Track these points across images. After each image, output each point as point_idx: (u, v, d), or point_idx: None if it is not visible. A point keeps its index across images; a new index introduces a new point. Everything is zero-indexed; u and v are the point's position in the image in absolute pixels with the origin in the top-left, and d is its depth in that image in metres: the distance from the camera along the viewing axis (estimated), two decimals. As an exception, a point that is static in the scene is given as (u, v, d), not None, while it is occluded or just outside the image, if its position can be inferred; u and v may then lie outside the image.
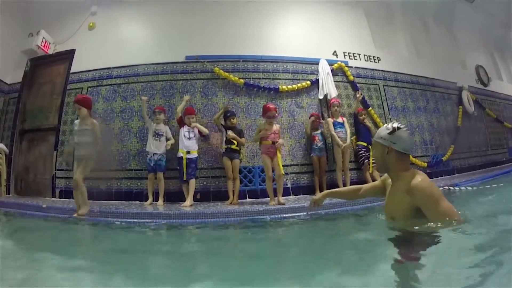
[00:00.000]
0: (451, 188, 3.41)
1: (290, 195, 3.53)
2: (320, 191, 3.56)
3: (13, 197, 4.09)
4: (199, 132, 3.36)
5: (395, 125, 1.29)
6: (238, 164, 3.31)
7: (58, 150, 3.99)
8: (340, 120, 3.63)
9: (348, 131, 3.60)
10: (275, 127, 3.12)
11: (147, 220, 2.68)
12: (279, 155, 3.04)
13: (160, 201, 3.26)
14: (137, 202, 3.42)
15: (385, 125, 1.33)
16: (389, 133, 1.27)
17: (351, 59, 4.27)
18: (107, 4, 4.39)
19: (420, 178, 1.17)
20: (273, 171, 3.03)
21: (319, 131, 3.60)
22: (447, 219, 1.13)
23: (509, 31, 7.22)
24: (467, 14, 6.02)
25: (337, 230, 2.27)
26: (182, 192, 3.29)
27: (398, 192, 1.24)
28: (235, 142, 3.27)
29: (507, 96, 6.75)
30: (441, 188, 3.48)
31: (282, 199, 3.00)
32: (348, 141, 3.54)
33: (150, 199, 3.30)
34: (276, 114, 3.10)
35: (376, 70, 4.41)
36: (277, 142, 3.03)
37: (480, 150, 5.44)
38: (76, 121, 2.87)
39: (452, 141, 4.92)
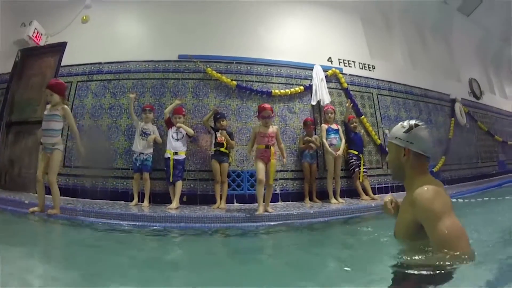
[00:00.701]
0: None
1: (278, 201, 3.49)
2: (310, 199, 3.54)
3: (-2, 191, 3.96)
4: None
5: (412, 122, 1.09)
6: (226, 168, 3.26)
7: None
8: (334, 127, 3.61)
9: (343, 139, 3.58)
10: (272, 129, 2.87)
11: (130, 222, 2.62)
12: (273, 161, 2.82)
13: (146, 202, 3.19)
14: (122, 202, 3.34)
15: (400, 124, 1.13)
16: (406, 132, 1.07)
17: (346, 66, 4.27)
18: (103, -2, 4.31)
19: (426, 188, 0.97)
20: None
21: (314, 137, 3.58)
22: (448, 242, 0.89)
23: (505, 46, 7.34)
24: (464, 27, 6.10)
25: (323, 239, 2.24)
26: (168, 193, 3.22)
27: (405, 204, 1.07)
28: (224, 144, 3.21)
29: (498, 109, 6.84)
30: None
31: (270, 207, 2.88)
32: (341, 149, 3.52)
33: (136, 199, 3.23)
34: (272, 114, 2.88)
35: (370, 78, 4.41)
36: (271, 145, 2.80)
37: (470, 162, 5.49)
38: (47, 106, 2.66)
39: (443, 152, 4.95)
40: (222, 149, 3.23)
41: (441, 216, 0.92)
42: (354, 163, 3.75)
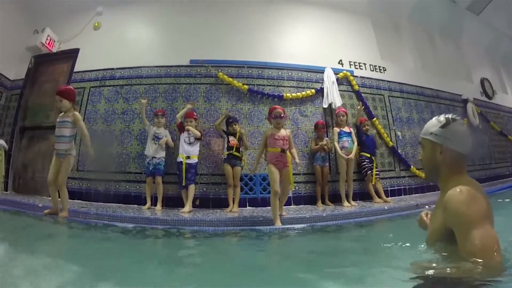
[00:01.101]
0: None
1: (291, 205, 3.46)
2: (322, 202, 3.51)
3: (10, 195, 4.03)
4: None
5: (449, 116, 0.99)
6: (239, 171, 3.25)
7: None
8: (346, 129, 3.58)
9: (355, 142, 3.55)
10: (284, 132, 2.68)
11: (143, 225, 2.63)
12: (290, 167, 2.60)
13: (159, 206, 3.20)
14: (135, 205, 3.36)
15: (435, 118, 1.03)
16: (442, 127, 0.97)
17: (357, 68, 4.24)
18: (113, 5, 4.38)
19: (460, 189, 0.87)
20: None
21: (324, 141, 3.56)
22: (479, 254, 0.80)
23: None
24: (474, 28, 6.01)
25: (337, 243, 2.22)
26: (181, 197, 3.23)
27: (438, 207, 0.98)
28: (235, 147, 3.21)
29: (511, 109, 6.70)
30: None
31: (284, 210, 2.82)
32: (354, 152, 3.49)
33: (148, 203, 3.24)
34: (283, 115, 2.68)
35: (381, 80, 4.37)
36: (286, 149, 2.61)
37: (484, 163, 5.38)
38: (59, 115, 2.67)
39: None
40: (235, 153, 3.22)
41: (473, 223, 0.81)
42: (367, 165, 3.71)
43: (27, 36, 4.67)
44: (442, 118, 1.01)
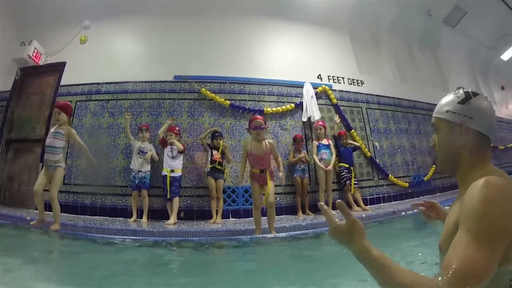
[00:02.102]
0: None
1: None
2: (303, 212, 3.67)
3: (-4, 207, 4.04)
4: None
5: (468, 90, 0.77)
6: (222, 184, 3.39)
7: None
8: (325, 142, 3.76)
9: (334, 154, 3.72)
10: (265, 146, 2.54)
11: (131, 237, 2.73)
12: (270, 184, 2.53)
13: (144, 218, 3.30)
14: (121, 218, 3.45)
15: (452, 93, 0.80)
16: (461, 103, 0.75)
17: (335, 82, 4.44)
18: (100, 19, 4.45)
19: (489, 181, 0.62)
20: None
21: (302, 154, 3.73)
22: (453, 279, 0.54)
23: (492, 54, 7.58)
24: (451, 39, 6.31)
25: (315, 251, 2.37)
26: (166, 210, 3.34)
27: (454, 205, 0.75)
28: (218, 161, 3.35)
29: (488, 116, 7.01)
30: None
31: (274, 230, 2.63)
32: (332, 163, 3.66)
33: (134, 216, 3.34)
34: (264, 126, 2.57)
35: (359, 93, 4.59)
36: (266, 168, 2.52)
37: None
38: (52, 128, 2.76)
39: (434, 161, 5.10)
40: (218, 166, 3.36)
41: (486, 235, 0.56)
42: (345, 175, 3.89)
43: (13, 48, 4.69)
44: (460, 92, 0.77)
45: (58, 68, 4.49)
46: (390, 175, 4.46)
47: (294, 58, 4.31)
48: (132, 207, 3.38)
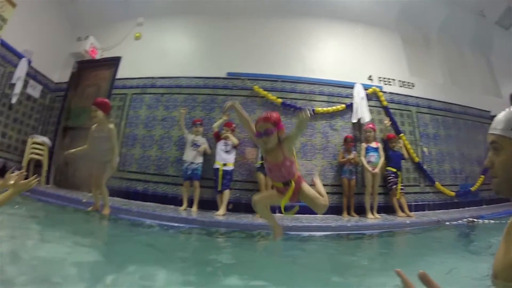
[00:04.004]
0: (475, 220, 3.40)
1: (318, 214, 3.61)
2: (348, 213, 3.64)
3: (53, 188, 4.38)
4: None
5: None
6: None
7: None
8: (374, 145, 3.69)
9: (382, 157, 3.65)
10: (281, 152, 1.71)
11: (181, 224, 2.86)
12: (306, 187, 1.80)
13: (194, 208, 3.44)
14: (171, 206, 3.62)
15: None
16: None
17: (386, 84, 4.33)
18: (153, 17, 4.68)
19: None
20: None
21: (352, 155, 3.69)
22: None
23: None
24: (504, 42, 5.91)
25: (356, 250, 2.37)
26: (215, 201, 3.45)
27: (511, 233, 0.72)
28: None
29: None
30: (465, 220, 3.52)
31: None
32: (379, 166, 3.59)
33: (185, 205, 3.49)
34: (272, 129, 1.69)
35: (409, 96, 4.44)
36: (292, 178, 1.73)
37: None
38: (93, 126, 2.76)
39: (482, 171, 4.83)
40: (268, 163, 3.40)
41: None
42: (392, 180, 3.79)
43: (70, 42, 5.05)
44: None
45: (114, 62, 4.78)
46: (436, 183, 4.28)
47: (345, 59, 4.27)
48: (183, 197, 3.53)
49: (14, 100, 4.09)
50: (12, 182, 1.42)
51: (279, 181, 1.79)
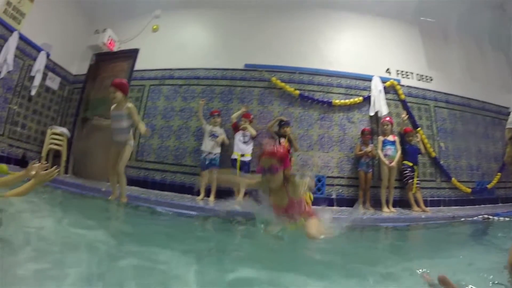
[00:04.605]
0: (490, 217, 3.36)
1: (333, 206, 3.64)
2: (364, 206, 3.65)
3: (72, 178, 4.52)
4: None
5: None
6: (289, 172, 3.47)
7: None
8: (391, 138, 3.68)
9: (399, 151, 3.63)
10: (288, 188, 1.54)
11: (198, 213, 2.90)
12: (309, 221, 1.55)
13: (212, 197, 3.50)
14: (189, 195, 3.69)
15: None
16: None
17: (404, 77, 4.29)
18: (170, 9, 4.73)
19: None
20: None
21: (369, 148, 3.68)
22: None
23: None
24: (525, 37, 5.74)
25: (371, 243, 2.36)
26: (232, 191, 3.50)
27: None
28: (287, 148, 3.43)
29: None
30: (480, 217, 3.49)
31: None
32: (396, 160, 3.59)
33: (202, 194, 3.55)
34: (277, 167, 1.53)
35: (427, 90, 4.38)
36: (301, 215, 1.54)
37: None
38: (112, 107, 2.75)
39: (500, 168, 4.75)
40: (285, 154, 3.44)
41: None
42: (408, 174, 3.78)
43: (88, 35, 5.15)
44: None
45: (131, 54, 4.85)
46: (453, 178, 4.24)
47: (363, 51, 4.24)
48: (200, 186, 3.59)
49: (33, 92, 4.21)
50: (33, 172, 1.48)
51: (292, 223, 1.55)
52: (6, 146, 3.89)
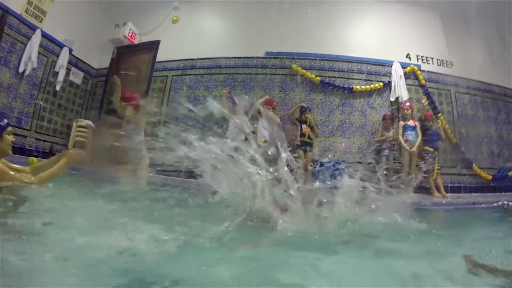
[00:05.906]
0: (510, 203, 3.36)
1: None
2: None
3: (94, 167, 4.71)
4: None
5: None
6: (311, 157, 3.57)
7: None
8: (411, 123, 3.70)
9: (419, 136, 3.66)
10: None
11: None
12: None
13: (235, 183, 3.63)
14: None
15: None
16: None
17: (424, 62, 4.27)
18: (188, 0, 4.81)
19: None
20: None
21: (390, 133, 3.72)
22: None
23: None
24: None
25: None
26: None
27: None
28: (307, 135, 3.52)
29: None
30: (500, 203, 3.47)
31: None
32: (417, 145, 3.61)
33: (226, 179, 3.69)
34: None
35: (448, 75, 4.35)
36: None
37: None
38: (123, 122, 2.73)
39: (522, 156, 4.69)
40: (307, 140, 3.54)
41: None
42: (429, 159, 3.80)
43: (108, 29, 5.29)
44: None
45: (153, 46, 4.99)
46: (474, 165, 4.23)
47: (383, 36, 4.23)
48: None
49: (58, 87, 4.39)
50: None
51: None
52: (34, 140, 4.08)
